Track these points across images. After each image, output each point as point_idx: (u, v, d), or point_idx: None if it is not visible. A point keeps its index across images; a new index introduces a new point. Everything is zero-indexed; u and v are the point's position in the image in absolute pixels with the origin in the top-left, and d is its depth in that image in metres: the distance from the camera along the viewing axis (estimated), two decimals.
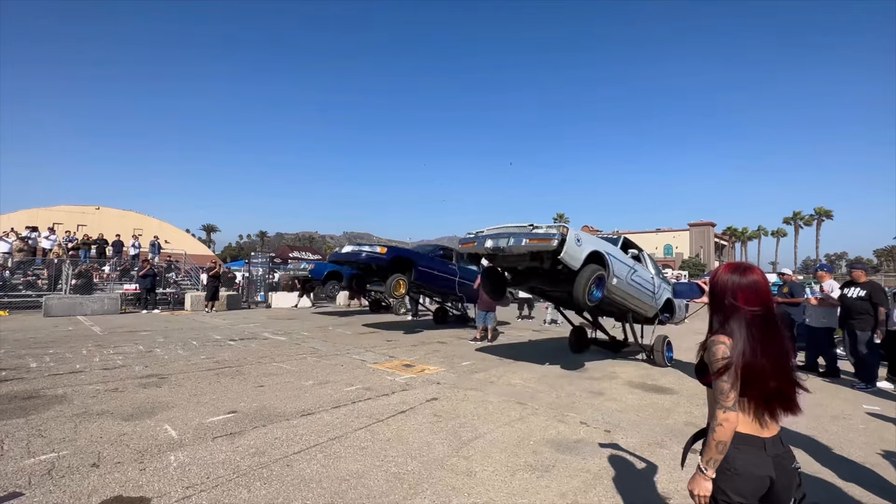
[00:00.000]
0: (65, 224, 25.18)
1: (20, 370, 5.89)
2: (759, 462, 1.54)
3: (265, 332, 10.52)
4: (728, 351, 1.55)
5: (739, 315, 1.60)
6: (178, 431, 3.81)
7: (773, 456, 1.56)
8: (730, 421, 1.52)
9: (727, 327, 1.61)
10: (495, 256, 6.55)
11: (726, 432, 1.53)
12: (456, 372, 6.52)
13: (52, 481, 2.87)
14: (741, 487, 1.53)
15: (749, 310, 1.60)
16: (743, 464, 1.54)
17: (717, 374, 1.56)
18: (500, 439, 3.86)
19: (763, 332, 1.58)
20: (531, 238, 5.78)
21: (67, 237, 19.70)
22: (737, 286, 1.63)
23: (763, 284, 1.64)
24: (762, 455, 1.55)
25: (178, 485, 2.88)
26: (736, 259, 74.29)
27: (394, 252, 10.09)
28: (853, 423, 4.64)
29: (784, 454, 1.59)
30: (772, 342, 1.57)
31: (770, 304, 1.62)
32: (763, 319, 1.59)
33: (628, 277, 6.67)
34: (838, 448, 3.91)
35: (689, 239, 67.38)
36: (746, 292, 1.61)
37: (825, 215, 63.27)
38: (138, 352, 7.47)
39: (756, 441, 1.56)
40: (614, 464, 3.42)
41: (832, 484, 3.22)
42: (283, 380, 5.74)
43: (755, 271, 1.67)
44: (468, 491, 2.94)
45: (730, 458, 1.55)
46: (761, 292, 1.62)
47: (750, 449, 1.55)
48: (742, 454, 1.55)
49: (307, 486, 2.92)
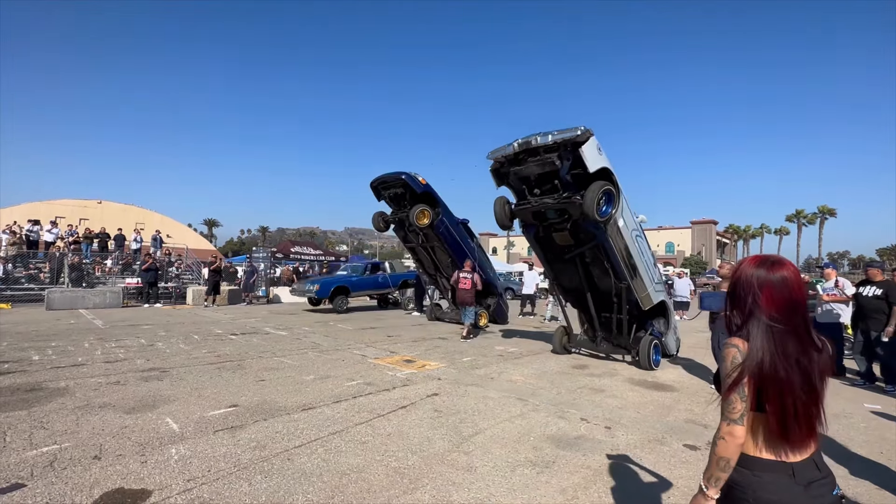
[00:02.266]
0: (67, 218, 25.18)
1: (23, 363, 5.92)
2: (783, 491, 1.29)
3: (266, 326, 10.54)
4: (740, 357, 1.34)
5: (762, 316, 1.37)
6: (179, 425, 3.82)
7: (806, 485, 1.29)
8: (734, 436, 1.32)
9: (745, 329, 1.39)
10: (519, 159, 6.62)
11: (729, 448, 1.32)
12: (457, 368, 6.53)
13: (54, 473, 2.88)
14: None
15: (774, 311, 1.36)
16: (764, 494, 1.29)
17: (725, 382, 1.36)
18: (501, 435, 3.87)
19: (790, 338, 1.35)
20: (559, 131, 6.06)
21: (70, 231, 19.73)
22: (763, 282, 1.39)
23: (794, 282, 1.38)
24: (789, 483, 1.29)
25: (180, 477, 2.89)
26: (738, 258, 74.09)
27: (428, 188, 10.67)
28: (854, 421, 4.63)
29: (820, 481, 1.31)
30: (800, 351, 1.34)
31: (802, 305, 1.39)
32: (791, 323, 1.36)
33: (634, 233, 6.65)
34: (841, 447, 3.91)
35: (690, 237, 67.24)
36: (772, 291, 1.37)
37: (828, 213, 63.07)
38: (140, 345, 7.49)
39: (780, 467, 1.31)
40: (615, 460, 3.42)
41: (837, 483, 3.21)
42: (284, 374, 5.75)
43: (786, 266, 1.41)
44: (468, 486, 2.94)
45: (748, 486, 1.32)
46: (792, 291, 1.37)
47: (772, 476, 1.31)
48: (763, 482, 1.31)
49: (308, 480, 2.92)
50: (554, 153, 6.17)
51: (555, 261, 7.49)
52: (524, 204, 7.02)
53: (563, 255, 7.22)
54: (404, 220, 10.83)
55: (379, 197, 11.53)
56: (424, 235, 10.91)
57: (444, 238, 10.70)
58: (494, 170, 7.05)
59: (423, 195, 10.57)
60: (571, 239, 6.87)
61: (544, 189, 6.74)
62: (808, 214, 64.28)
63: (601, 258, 6.77)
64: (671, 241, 68.50)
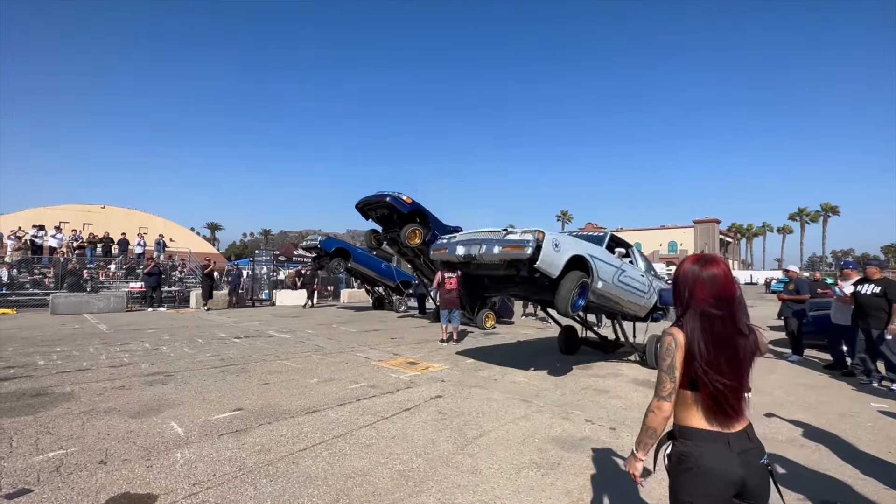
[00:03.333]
0: (71, 223, 25.35)
1: (28, 368, 5.95)
2: (722, 459, 1.48)
3: (270, 329, 10.56)
4: (673, 343, 1.55)
5: (694, 308, 1.57)
6: (184, 429, 3.83)
7: (739, 452, 1.50)
8: (661, 409, 1.55)
9: (681, 319, 1.60)
10: (469, 264, 6.21)
11: (657, 419, 1.56)
12: (460, 369, 6.52)
13: (60, 478, 2.89)
14: (707, 486, 1.48)
15: (704, 304, 1.56)
16: (705, 461, 1.49)
17: (659, 364, 1.58)
18: (505, 437, 3.86)
19: (716, 327, 1.53)
20: (504, 245, 5.39)
21: (73, 236, 19.83)
22: (695, 278, 1.59)
23: (722, 278, 1.57)
24: (726, 451, 1.49)
25: (185, 482, 2.89)
26: (741, 256, 73.91)
27: (415, 205, 10.57)
28: (861, 420, 4.60)
29: (752, 450, 1.53)
30: (725, 340, 1.52)
31: (729, 299, 1.56)
32: (717, 315, 1.54)
33: (615, 279, 6.23)
34: (849, 446, 3.88)
35: (693, 236, 67.07)
36: (703, 285, 1.57)
37: (831, 211, 62.78)
38: (144, 349, 7.51)
39: (718, 437, 1.51)
40: (620, 462, 3.41)
41: (845, 483, 3.20)
42: (288, 377, 5.76)
43: (717, 264, 1.61)
44: (473, 488, 2.94)
45: (691, 455, 1.51)
46: (719, 287, 1.56)
47: (711, 445, 1.50)
48: (703, 450, 1.50)
49: (313, 484, 2.93)
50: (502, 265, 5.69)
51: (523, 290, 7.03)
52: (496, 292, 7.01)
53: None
54: (396, 238, 10.80)
55: (367, 217, 11.43)
56: (419, 251, 10.91)
57: None
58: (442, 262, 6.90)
59: (411, 213, 10.44)
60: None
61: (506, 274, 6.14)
62: (810, 212, 64.04)
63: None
64: (674, 240, 68.34)
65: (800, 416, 4.62)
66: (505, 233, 5.57)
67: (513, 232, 5.49)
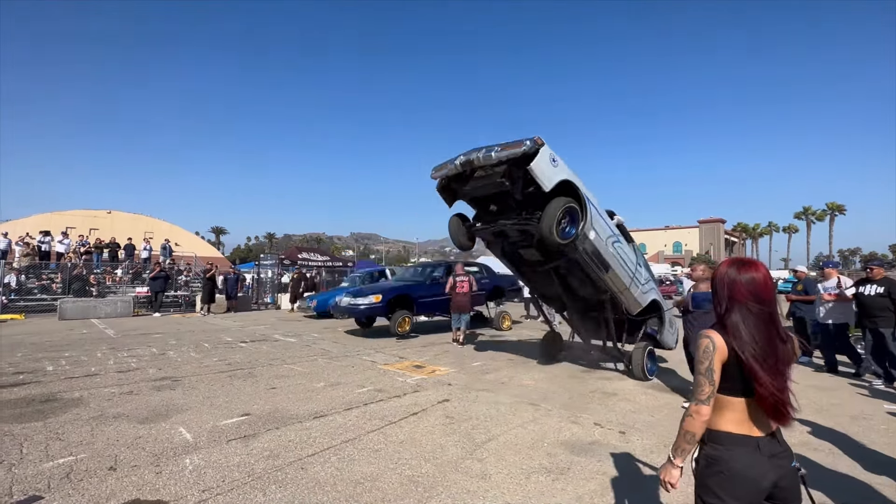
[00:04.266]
0: (78, 228, 25.54)
1: (37, 373, 5.98)
2: (753, 463, 1.49)
3: (275, 333, 10.57)
4: (711, 346, 1.54)
5: (734, 310, 1.58)
6: (192, 434, 3.83)
7: (770, 456, 1.50)
8: (700, 414, 1.52)
9: (721, 322, 1.60)
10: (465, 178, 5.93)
11: (695, 424, 1.53)
12: (466, 373, 6.50)
13: (70, 485, 2.90)
14: (736, 491, 1.48)
15: (744, 306, 1.56)
16: (736, 465, 1.49)
17: (697, 367, 1.56)
18: (514, 441, 3.83)
19: (757, 330, 1.54)
20: (502, 146, 5.23)
21: (80, 241, 19.97)
22: (733, 281, 1.60)
23: (761, 281, 1.58)
24: (756, 456, 1.49)
25: (195, 488, 2.89)
26: (747, 256, 73.42)
27: (390, 294, 9.92)
28: (874, 423, 4.53)
29: (782, 454, 1.53)
30: (767, 342, 1.53)
31: (768, 302, 1.57)
32: (758, 317, 1.55)
33: (609, 242, 5.80)
34: (863, 448, 3.83)
35: (698, 236, 66.71)
36: (742, 288, 1.58)
37: (837, 210, 62.29)
38: (151, 354, 7.54)
39: (748, 441, 1.51)
40: (631, 466, 3.38)
41: (862, 485, 3.15)
42: (294, 382, 5.76)
43: (756, 267, 1.61)
44: (483, 494, 2.91)
45: (721, 459, 1.51)
46: (758, 289, 1.57)
47: (742, 449, 1.50)
48: (734, 454, 1.50)
49: (322, 490, 2.91)
50: (501, 168, 5.47)
51: (529, 272, 6.87)
52: (483, 225, 6.31)
53: (536, 267, 6.56)
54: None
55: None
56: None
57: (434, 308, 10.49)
58: (441, 188, 6.35)
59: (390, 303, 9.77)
60: (540, 255, 6.23)
61: (502, 205, 6.03)
62: (816, 211, 63.53)
63: (576, 271, 6.08)
64: (679, 240, 67.99)
65: (812, 418, 4.57)
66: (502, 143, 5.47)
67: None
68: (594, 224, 5.54)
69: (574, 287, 6.51)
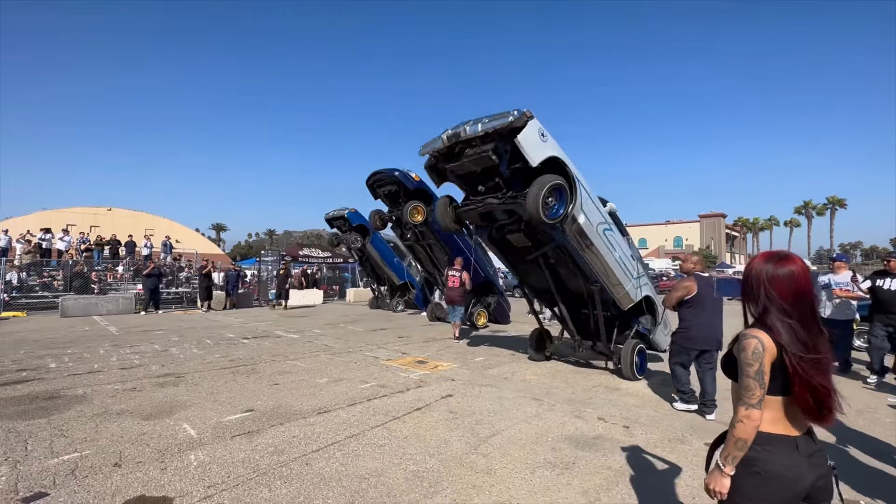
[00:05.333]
0: (78, 225, 25.55)
1: (40, 370, 5.98)
2: (792, 464, 1.45)
3: (277, 329, 10.58)
4: (760, 347, 1.46)
5: (776, 308, 1.50)
6: (196, 430, 3.83)
7: (808, 456, 1.46)
8: (752, 419, 1.45)
9: (764, 321, 1.52)
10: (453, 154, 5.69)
11: (747, 430, 1.45)
12: (469, 368, 6.50)
13: (76, 481, 2.90)
14: (774, 492, 1.44)
15: (786, 303, 1.49)
16: (775, 467, 1.44)
17: (745, 370, 1.48)
18: (518, 436, 3.83)
19: (802, 327, 1.48)
20: (490, 117, 5.08)
21: (81, 238, 19.98)
22: (772, 277, 1.52)
23: (800, 275, 1.51)
24: (795, 456, 1.45)
25: (200, 484, 2.89)
26: (747, 251, 73.33)
27: (421, 184, 10.55)
28: (879, 416, 4.54)
29: (817, 453, 1.49)
30: (812, 339, 1.47)
31: (810, 297, 1.51)
32: (801, 314, 1.48)
33: (600, 228, 5.57)
34: (871, 439, 3.83)
35: (699, 231, 66.61)
36: (782, 284, 1.50)
37: (838, 204, 62.13)
38: (154, 351, 7.55)
39: (787, 441, 1.47)
40: (635, 461, 3.38)
41: (873, 477, 3.14)
42: (297, 378, 5.76)
43: (794, 261, 1.54)
44: (489, 489, 2.91)
45: (760, 460, 1.46)
46: (799, 284, 1.50)
47: (781, 450, 1.46)
48: (773, 456, 1.46)
49: (327, 485, 2.91)
50: (489, 145, 5.24)
51: (517, 261, 6.60)
52: (468, 205, 6.11)
53: (524, 255, 6.29)
54: (400, 217, 10.82)
55: (375, 195, 11.51)
56: (420, 233, 10.91)
57: (438, 234, 10.63)
58: (430, 166, 6.15)
59: (416, 192, 10.49)
60: (528, 241, 6.00)
61: (490, 185, 5.77)
62: (817, 205, 63.38)
63: (565, 259, 5.88)
64: (679, 235, 67.87)
65: None
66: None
67: None
68: (584, 207, 5.33)
69: (563, 277, 6.32)
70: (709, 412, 4.46)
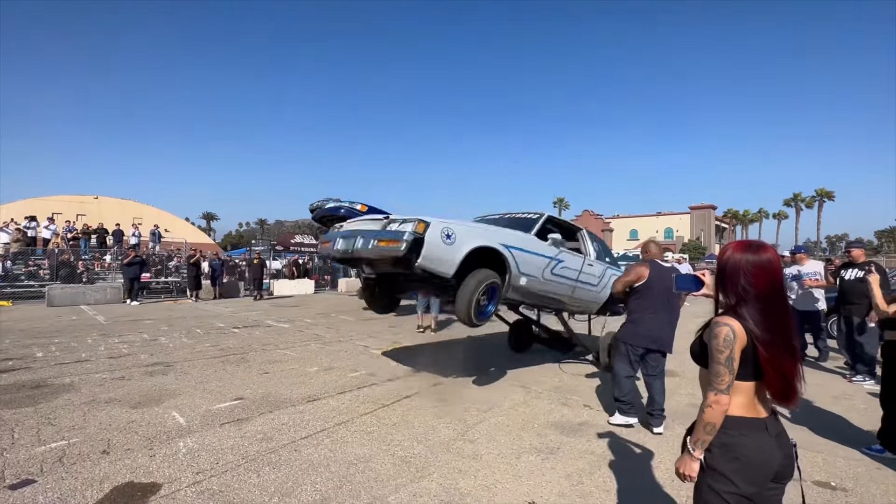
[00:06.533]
0: (64, 214, 25.10)
1: (27, 360, 5.93)
2: (765, 446, 1.52)
3: (268, 319, 10.57)
4: (731, 334, 1.51)
5: (752, 296, 1.54)
6: (185, 418, 3.85)
7: (776, 436, 1.54)
8: (720, 403, 1.51)
9: (737, 309, 1.56)
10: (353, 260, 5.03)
11: (716, 414, 1.51)
12: (458, 357, 6.56)
13: (63, 468, 2.90)
14: (753, 476, 1.50)
15: (762, 291, 1.54)
16: (752, 451, 1.50)
17: (716, 357, 1.53)
18: (505, 423, 3.90)
19: (775, 314, 1.54)
20: (380, 239, 4.24)
21: (67, 227, 19.66)
22: (750, 265, 1.56)
23: (776, 264, 1.57)
24: (766, 438, 1.53)
25: (188, 470, 2.91)
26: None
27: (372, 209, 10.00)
28: (854, 403, 4.68)
29: (783, 433, 1.58)
30: (784, 326, 1.54)
31: (782, 285, 1.58)
32: (774, 302, 1.54)
33: (548, 271, 5.14)
34: (849, 426, 3.96)
35: (689, 222, 67.25)
36: (761, 272, 1.55)
37: (826, 196, 62.98)
38: (143, 340, 7.51)
39: (757, 423, 1.54)
40: (619, 445, 3.46)
41: (849, 462, 3.26)
42: (287, 366, 5.78)
43: (768, 250, 1.60)
44: (474, 473, 2.97)
45: (737, 445, 1.51)
46: (776, 272, 1.56)
47: (755, 434, 1.52)
48: (749, 440, 1.51)
49: (315, 471, 2.95)
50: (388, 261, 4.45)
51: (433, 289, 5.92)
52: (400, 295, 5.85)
53: None
54: None
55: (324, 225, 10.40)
56: None
57: None
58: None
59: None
60: None
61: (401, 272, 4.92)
62: (805, 198, 64.21)
63: None
64: (670, 226, 68.49)
65: None
66: (386, 222, 4.44)
67: (394, 221, 4.38)
68: (523, 271, 4.84)
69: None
70: (656, 425, 3.83)
